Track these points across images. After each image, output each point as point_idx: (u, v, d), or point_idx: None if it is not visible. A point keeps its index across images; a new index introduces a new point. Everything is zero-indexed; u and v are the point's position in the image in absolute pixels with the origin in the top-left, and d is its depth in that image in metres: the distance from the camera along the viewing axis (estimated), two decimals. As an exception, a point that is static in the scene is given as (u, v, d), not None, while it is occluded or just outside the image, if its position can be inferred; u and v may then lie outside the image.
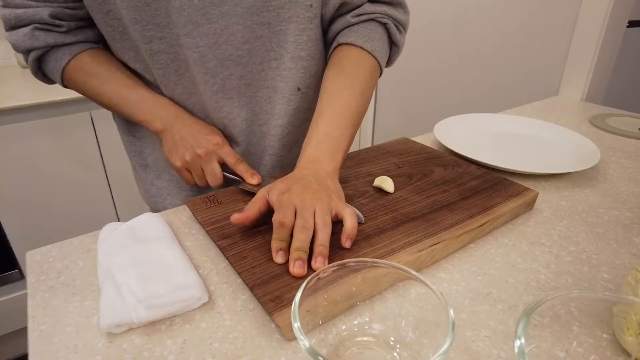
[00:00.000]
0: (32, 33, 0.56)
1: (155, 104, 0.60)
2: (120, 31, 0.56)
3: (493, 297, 0.43)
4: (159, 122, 0.60)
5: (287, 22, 0.56)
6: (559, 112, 1.04)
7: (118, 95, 0.60)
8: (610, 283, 0.46)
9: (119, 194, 1.45)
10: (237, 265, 0.43)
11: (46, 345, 0.37)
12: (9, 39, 0.58)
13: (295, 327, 0.31)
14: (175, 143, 0.59)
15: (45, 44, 0.57)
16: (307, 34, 0.58)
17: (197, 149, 0.58)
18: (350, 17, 0.59)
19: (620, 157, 0.78)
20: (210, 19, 0.53)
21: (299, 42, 0.58)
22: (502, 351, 0.37)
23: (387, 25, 0.61)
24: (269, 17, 0.55)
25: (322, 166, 0.51)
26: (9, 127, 1.19)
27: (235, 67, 0.57)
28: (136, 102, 0.60)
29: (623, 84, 1.62)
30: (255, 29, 0.55)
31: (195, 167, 0.59)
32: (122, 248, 0.46)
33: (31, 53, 0.59)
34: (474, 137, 0.83)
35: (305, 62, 0.60)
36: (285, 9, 0.55)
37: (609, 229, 0.55)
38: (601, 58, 1.12)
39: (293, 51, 0.58)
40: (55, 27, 0.57)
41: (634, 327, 0.33)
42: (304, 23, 0.57)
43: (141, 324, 0.39)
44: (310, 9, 0.56)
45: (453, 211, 0.53)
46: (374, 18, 0.60)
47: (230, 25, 0.54)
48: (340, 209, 0.45)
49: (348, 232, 0.44)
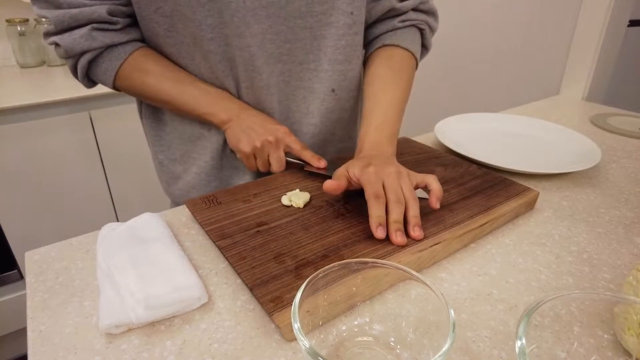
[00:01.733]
0: (89, 34, 0.55)
1: (218, 96, 0.62)
2: (165, 28, 0.58)
3: (494, 297, 0.43)
4: (224, 113, 0.61)
5: (328, 27, 0.60)
6: (560, 112, 1.04)
7: (179, 92, 0.61)
8: (612, 283, 0.45)
9: (118, 195, 1.45)
10: (237, 265, 0.43)
11: (45, 346, 0.37)
12: (62, 42, 0.56)
13: (295, 328, 0.30)
14: (243, 131, 0.61)
15: (102, 44, 0.57)
16: (345, 39, 0.62)
17: (268, 136, 0.60)
18: (397, 22, 0.66)
19: (621, 156, 0.78)
20: (259, 20, 0.56)
21: (337, 47, 0.62)
22: (503, 352, 0.37)
23: (424, 31, 0.68)
24: (312, 21, 0.59)
25: (384, 148, 0.57)
26: (8, 127, 1.19)
27: (277, 64, 0.61)
28: (198, 96, 0.61)
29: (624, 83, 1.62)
30: (298, 31, 0.59)
31: (263, 154, 0.61)
32: (121, 248, 0.45)
33: (85, 55, 0.58)
34: (475, 137, 0.82)
35: (341, 66, 0.64)
36: (327, 14, 0.59)
37: (610, 228, 0.55)
38: (602, 57, 1.12)
39: (331, 54, 0.62)
40: (112, 24, 0.57)
41: (635, 327, 0.33)
42: (344, 29, 0.61)
43: (140, 325, 0.39)
44: (351, 16, 0.61)
45: (454, 211, 0.53)
46: (415, 24, 0.67)
47: (275, 25, 0.58)
48: (422, 178, 0.50)
49: (437, 194, 0.49)
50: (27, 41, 1.53)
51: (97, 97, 1.29)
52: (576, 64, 1.15)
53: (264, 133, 0.60)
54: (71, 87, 1.31)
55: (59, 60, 1.59)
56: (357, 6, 0.61)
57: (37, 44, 1.56)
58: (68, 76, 1.44)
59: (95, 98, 1.29)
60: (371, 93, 0.63)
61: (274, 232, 0.48)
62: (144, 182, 1.47)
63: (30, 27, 1.54)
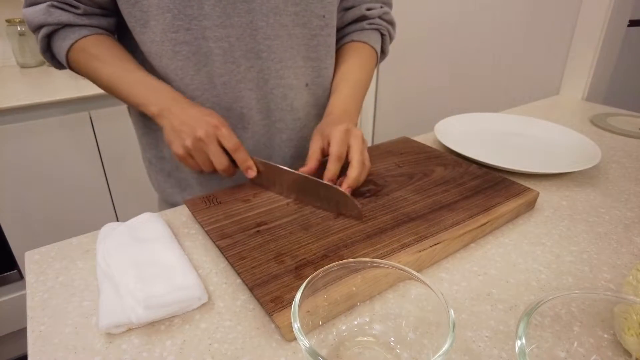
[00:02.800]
0: (47, 9, 0.58)
1: (151, 87, 0.59)
2: (141, 24, 0.58)
3: (494, 297, 0.43)
4: (154, 106, 0.58)
5: (302, 27, 0.64)
6: (560, 112, 1.04)
7: (116, 77, 0.60)
8: (611, 283, 0.45)
9: (118, 194, 1.45)
10: (237, 265, 0.43)
11: (45, 346, 0.37)
12: (25, 15, 0.60)
13: (295, 328, 0.30)
14: (174, 130, 0.56)
15: (57, 21, 0.59)
16: (317, 39, 0.66)
17: (197, 131, 0.54)
18: (365, 24, 0.74)
19: (621, 156, 0.78)
20: (240, 13, 0.58)
21: (309, 45, 0.66)
22: (503, 351, 0.37)
23: (384, 37, 0.78)
24: (287, 20, 0.62)
25: (351, 117, 0.65)
26: (8, 127, 1.19)
27: (256, 60, 0.62)
28: (132, 85, 0.60)
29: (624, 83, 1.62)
30: (277, 28, 0.61)
31: (198, 151, 0.55)
32: (121, 248, 0.45)
33: (42, 29, 0.60)
34: (475, 137, 0.82)
35: (314, 63, 0.68)
36: (300, 15, 0.63)
37: (609, 228, 0.55)
38: (602, 57, 1.12)
39: (305, 52, 0.66)
40: (72, 7, 0.59)
41: (635, 327, 0.33)
42: (316, 30, 0.65)
43: (140, 325, 0.39)
44: (323, 19, 0.65)
45: (453, 211, 0.53)
46: (379, 29, 0.76)
47: (255, 20, 0.60)
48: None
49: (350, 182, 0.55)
50: (27, 41, 1.53)
51: (97, 97, 1.29)
52: (576, 64, 1.15)
53: (192, 128, 0.55)
54: (71, 87, 1.31)
55: (59, 60, 1.59)
56: (329, 10, 0.66)
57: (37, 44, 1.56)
58: (68, 76, 1.44)
59: (95, 98, 1.29)
60: (341, 71, 0.71)
61: (273, 232, 0.48)
62: (144, 182, 1.46)
63: (30, 27, 1.54)
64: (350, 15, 0.74)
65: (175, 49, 0.58)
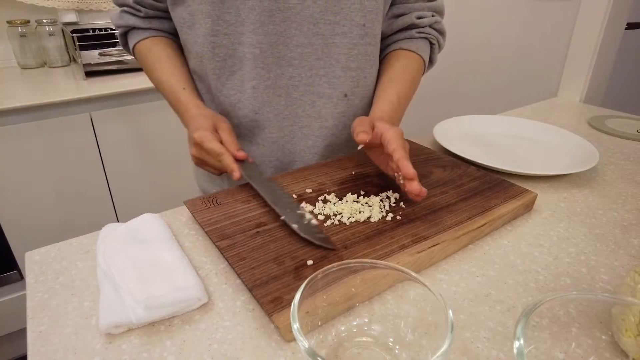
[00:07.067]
0: (120, 14, 0.70)
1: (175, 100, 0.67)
2: (188, 25, 0.64)
3: (492, 298, 0.43)
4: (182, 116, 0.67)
5: (340, 36, 0.64)
6: (558, 114, 1.04)
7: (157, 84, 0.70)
8: (609, 284, 0.46)
9: (118, 195, 1.45)
10: (237, 266, 0.43)
11: (45, 346, 0.37)
12: (110, 15, 0.71)
13: (294, 328, 0.31)
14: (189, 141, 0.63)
15: (126, 24, 0.70)
16: (358, 48, 0.66)
17: (190, 149, 0.61)
18: (414, 32, 0.73)
19: (619, 158, 0.78)
20: (275, 21, 0.60)
21: (350, 55, 0.65)
22: (501, 352, 0.37)
23: (434, 46, 0.76)
24: (324, 29, 0.62)
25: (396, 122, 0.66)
26: (8, 128, 1.19)
27: (287, 67, 0.64)
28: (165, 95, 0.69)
29: (622, 85, 1.62)
30: (310, 37, 0.62)
31: (201, 162, 0.61)
32: (121, 249, 0.46)
33: (118, 29, 0.72)
34: (473, 139, 0.83)
35: (354, 72, 0.67)
36: (339, 24, 0.63)
37: (607, 230, 0.55)
38: (600, 60, 1.12)
39: (344, 62, 0.66)
40: (137, 11, 0.69)
41: (633, 328, 0.33)
42: (356, 39, 0.65)
43: (140, 325, 0.39)
44: (363, 28, 0.64)
45: (452, 212, 0.53)
46: (429, 38, 0.74)
47: (289, 29, 0.61)
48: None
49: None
50: (27, 42, 1.54)
51: (97, 98, 1.29)
52: (574, 67, 1.15)
53: (189, 145, 0.61)
54: (71, 88, 1.31)
55: (60, 61, 1.59)
56: (370, 19, 0.65)
57: (38, 45, 1.56)
58: (68, 77, 1.45)
59: (96, 99, 1.29)
60: (389, 73, 0.70)
61: (273, 233, 0.49)
62: (144, 182, 1.47)
63: (31, 29, 1.54)
64: (399, 23, 0.72)
65: (214, 51, 0.63)
